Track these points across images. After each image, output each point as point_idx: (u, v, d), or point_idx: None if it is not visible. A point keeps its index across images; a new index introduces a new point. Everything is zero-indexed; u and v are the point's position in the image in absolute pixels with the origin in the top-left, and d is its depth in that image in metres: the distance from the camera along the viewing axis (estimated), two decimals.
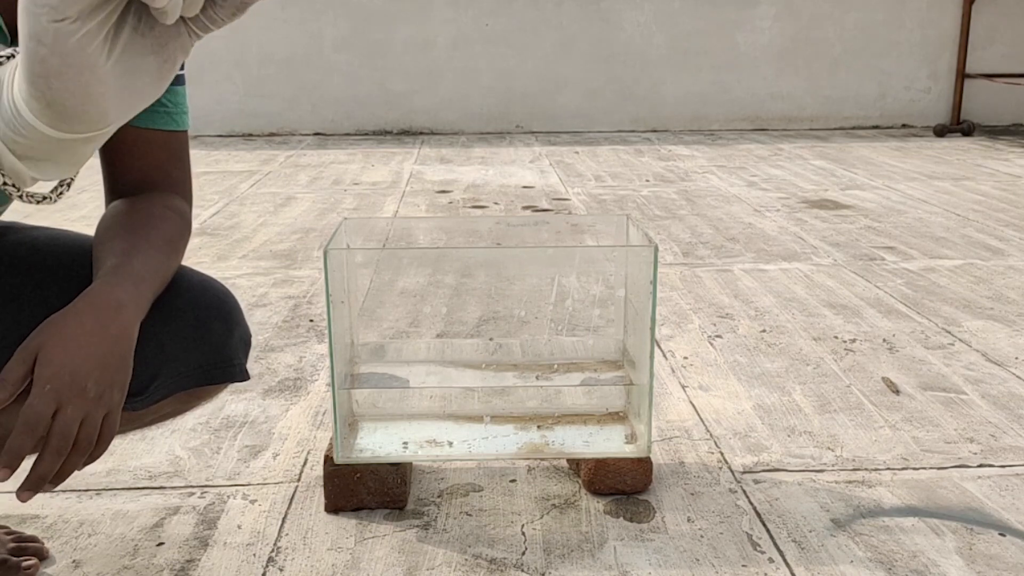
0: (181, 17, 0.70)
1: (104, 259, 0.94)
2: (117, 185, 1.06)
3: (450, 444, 1.36)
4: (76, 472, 0.88)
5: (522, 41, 5.59)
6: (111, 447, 0.89)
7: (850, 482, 1.40)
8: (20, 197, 0.74)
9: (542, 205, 3.53)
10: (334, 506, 1.31)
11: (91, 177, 4.27)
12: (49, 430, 0.84)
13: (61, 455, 0.85)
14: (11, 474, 0.83)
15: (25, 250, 1.07)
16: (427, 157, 4.73)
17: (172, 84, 1.03)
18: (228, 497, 1.36)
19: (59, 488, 1.37)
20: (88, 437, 0.86)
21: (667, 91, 5.69)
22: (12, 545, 1.17)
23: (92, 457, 0.88)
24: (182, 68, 1.04)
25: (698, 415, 1.64)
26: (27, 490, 0.85)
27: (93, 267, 0.96)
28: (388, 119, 5.63)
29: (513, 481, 1.40)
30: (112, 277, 0.91)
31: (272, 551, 1.22)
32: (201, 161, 4.62)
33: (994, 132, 5.58)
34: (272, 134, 5.60)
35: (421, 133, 5.64)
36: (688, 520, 1.29)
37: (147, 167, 1.05)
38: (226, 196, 3.72)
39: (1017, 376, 1.81)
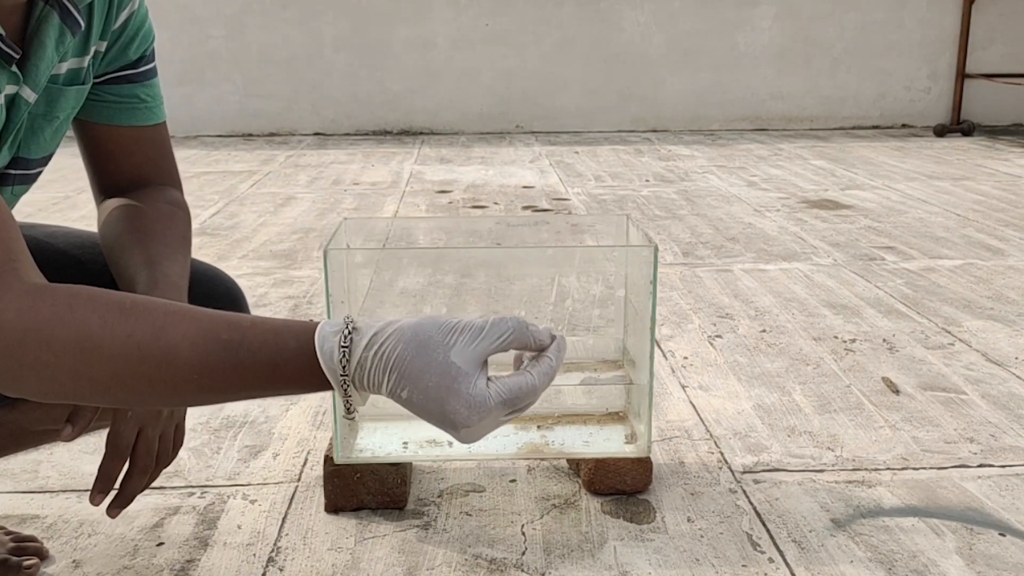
0: None
1: (134, 270, 0.97)
2: (108, 185, 1.08)
3: (450, 444, 1.36)
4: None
5: (522, 41, 5.59)
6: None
7: (850, 482, 1.40)
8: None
9: (542, 205, 3.53)
10: (334, 506, 1.31)
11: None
12: (134, 451, 0.92)
13: (147, 472, 0.93)
14: (104, 498, 0.91)
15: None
16: (427, 157, 4.73)
17: (147, 79, 1.06)
18: (228, 497, 1.36)
19: (61, 488, 1.38)
20: (166, 451, 0.95)
21: (667, 91, 5.69)
22: (12, 545, 1.18)
23: (167, 464, 0.97)
24: (152, 60, 1.06)
25: (698, 415, 1.64)
26: (118, 507, 0.94)
27: (117, 276, 0.99)
28: (388, 119, 5.63)
29: (513, 481, 1.40)
30: (157, 292, 0.94)
31: (272, 551, 1.22)
32: (201, 161, 4.62)
33: (994, 132, 5.58)
34: (272, 134, 5.60)
35: (421, 133, 5.64)
36: (688, 520, 1.29)
37: (136, 164, 1.07)
38: (226, 196, 3.72)
39: (1017, 376, 1.81)
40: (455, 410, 0.70)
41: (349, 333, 0.72)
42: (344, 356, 0.71)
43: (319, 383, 0.73)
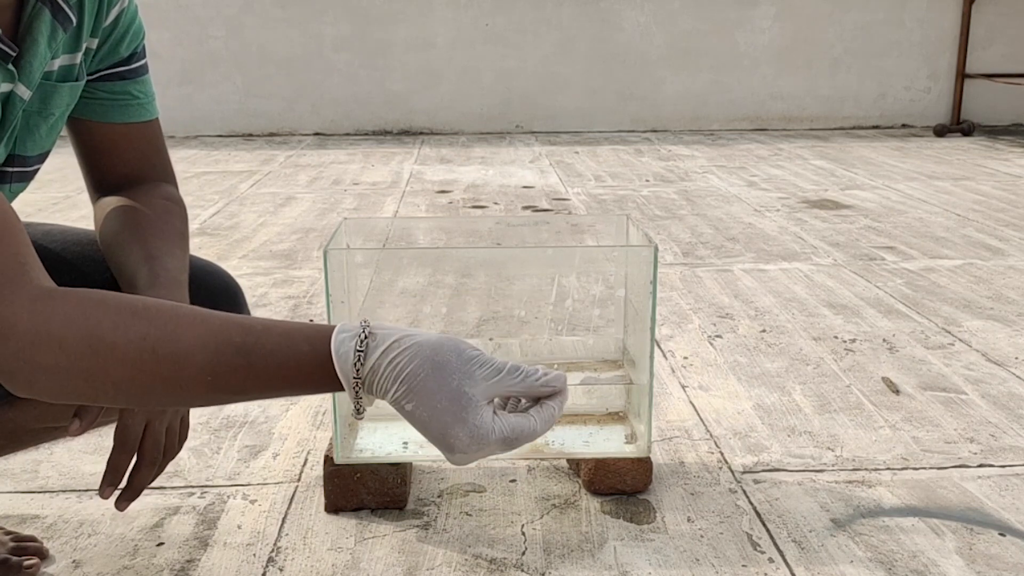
0: None
1: (134, 266, 0.98)
2: (103, 182, 1.09)
3: None
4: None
5: (522, 41, 5.59)
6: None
7: (850, 482, 1.40)
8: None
9: (542, 205, 3.53)
10: (334, 506, 1.31)
11: None
12: (141, 445, 0.93)
13: (155, 464, 0.94)
14: (114, 491, 0.93)
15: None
16: (427, 157, 4.73)
17: (139, 76, 1.06)
18: (228, 497, 1.36)
19: (61, 488, 1.38)
20: (172, 443, 0.96)
21: (667, 91, 5.69)
22: (12, 545, 1.18)
23: (173, 456, 0.98)
24: (144, 56, 1.07)
25: (698, 415, 1.64)
26: (127, 500, 0.94)
27: (116, 273, 0.99)
28: (388, 119, 5.63)
29: (513, 481, 1.40)
30: (158, 287, 0.95)
31: (272, 551, 1.22)
32: (201, 161, 4.62)
33: (994, 132, 5.58)
34: (272, 134, 5.60)
35: (421, 133, 5.64)
36: (688, 520, 1.29)
37: (131, 161, 1.08)
38: (226, 196, 3.72)
39: (1017, 376, 1.81)
40: (457, 436, 0.72)
41: (365, 338, 0.73)
42: (359, 360, 0.73)
43: (329, 385, 0.74)
